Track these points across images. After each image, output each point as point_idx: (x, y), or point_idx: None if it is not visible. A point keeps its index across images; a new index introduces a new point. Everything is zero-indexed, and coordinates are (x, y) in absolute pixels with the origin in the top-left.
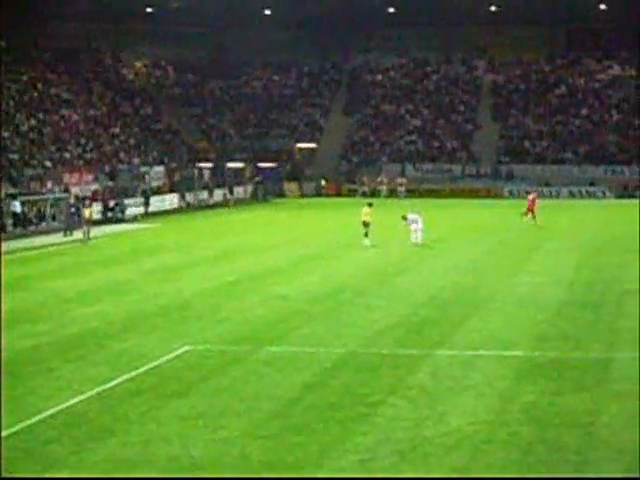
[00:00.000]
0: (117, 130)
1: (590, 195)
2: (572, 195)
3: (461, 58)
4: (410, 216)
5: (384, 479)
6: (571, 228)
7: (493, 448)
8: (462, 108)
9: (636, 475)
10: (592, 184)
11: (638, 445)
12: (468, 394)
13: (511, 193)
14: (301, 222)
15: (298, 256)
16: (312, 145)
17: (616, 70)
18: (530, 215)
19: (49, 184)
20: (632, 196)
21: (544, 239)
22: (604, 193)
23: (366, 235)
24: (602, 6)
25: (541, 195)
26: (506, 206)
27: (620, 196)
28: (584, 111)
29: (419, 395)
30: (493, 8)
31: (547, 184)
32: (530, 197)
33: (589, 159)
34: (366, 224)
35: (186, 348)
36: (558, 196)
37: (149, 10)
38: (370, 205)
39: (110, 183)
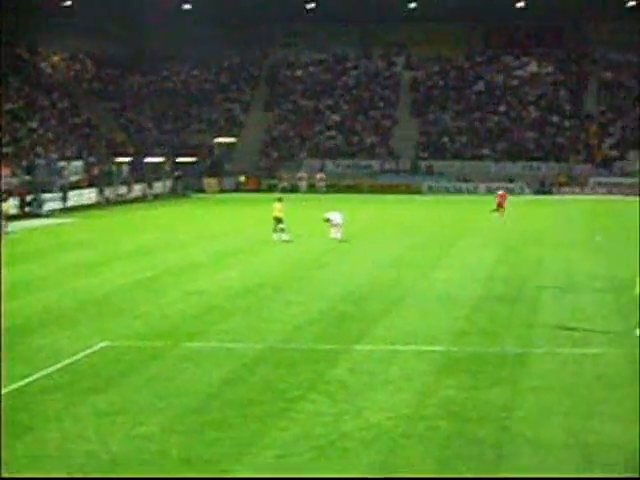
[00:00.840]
0: (35, 124)
1: (508, 191)
2: (490, 191)
3: (380, 54)
4: (330, 216)
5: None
6: (489, 224)
7: (411, 442)
8: (381, 104)
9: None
10: (510, 180)
11: (553, 439)
12: (387, 389)
13: (430, 189)
14: (220, 217)
15: (217, 251)
16: (232, 140)
17: (533, 67)
18: (500, 211)
19: None
20: (549, 192)
21: (463, 235)
22: (522, 189)
23: (278, 230)
24: (520, 3)
25: (459, 191)
26: (425, 202)
27: (537, 192)
28: (502, 108)
29: (338, 390)
30: (412, 5)
31: (465, 180)
32: (499, 193)
33: (507, 155)
34: (278, 219)
35: (104, 344)
36: (476, 192)
37: (67, 3)
38: (280, 200)
39: (27, 177)
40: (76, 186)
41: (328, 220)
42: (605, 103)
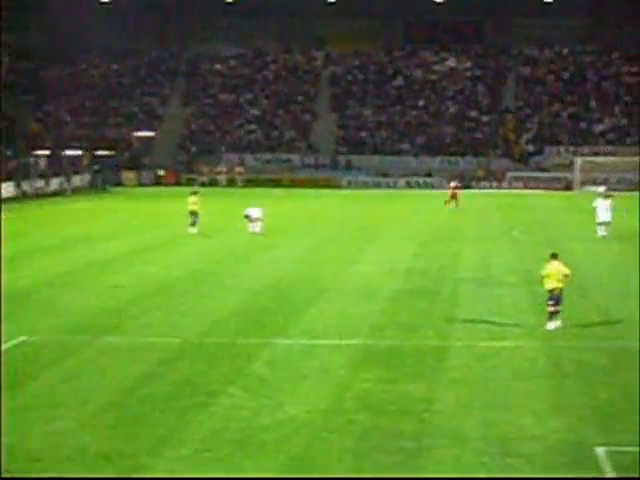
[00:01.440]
0: None
1: (427, 186)
2: (409, 185)
3: (300, 48)
4: (250, 212)
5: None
6: (408, 218)
7: (329, 436)
8: (301, 98)
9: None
10: (429, 175)
11: (471, 431)
12: (305, 383)
13: (349, 183)
14: (139, 211)
15: (136, 245)
16: (150, 134)
17: (452, 62)
18: (453, 202)
19: None
20: (467, 187)
21: (382, 229)
22: (440, 183)
23: (193, 224)
24: None
25: (378, 186)
26: (344, 196)
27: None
28: (421, 102)
29: (257, 384)
30: None
31: (385, 174)
32: (452, 185)
33: (426, 150)
34: (193, 213)
35: (22, 338)
36: (395, 187)
37: None
38: (195, 193)
39: None
40: None
41: (247, 217)
42: (523, 98)
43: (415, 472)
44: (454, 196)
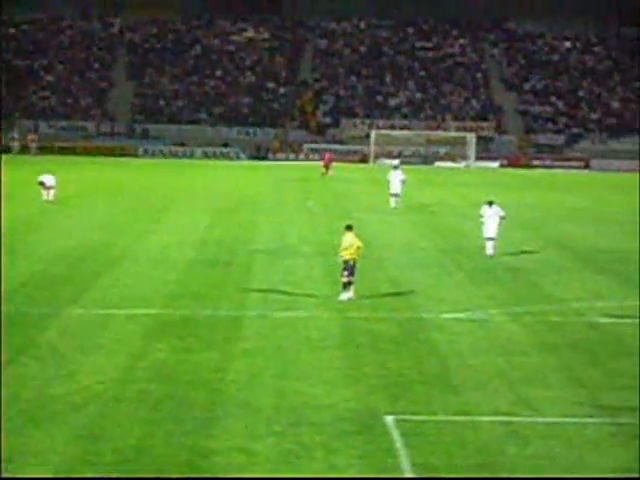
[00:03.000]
0: None
1: (224, 156)
2: (206, 156)
3: (97, 14)
4: (44, 178)
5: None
6: (204, 189)
7: (121, 406)
8: (97, 65)
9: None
10: (226, 145)
11: (263, 401)
12: (98, 352)
13: (146, 152)
14: None
15: None
16: None
17: (250, 33)
18: (327, 172)
19: None
20: (264, 158)
21: (177, 199)
22: (237, 154)
23: None
24: None
25: (175, 155)
26: (141, 165)
27: (253, 157)
28: (219, 72)
29: (48, 354)
30: None
31: (182, 144)
32: (326, 156)
33: (223, 120)
34: None
35: None
36: (192, 156)
37: None
38: None
39: None
40: None
41: (42, 183)
42: (320, 71)
43: (206, 441)
44: (327, 166)
